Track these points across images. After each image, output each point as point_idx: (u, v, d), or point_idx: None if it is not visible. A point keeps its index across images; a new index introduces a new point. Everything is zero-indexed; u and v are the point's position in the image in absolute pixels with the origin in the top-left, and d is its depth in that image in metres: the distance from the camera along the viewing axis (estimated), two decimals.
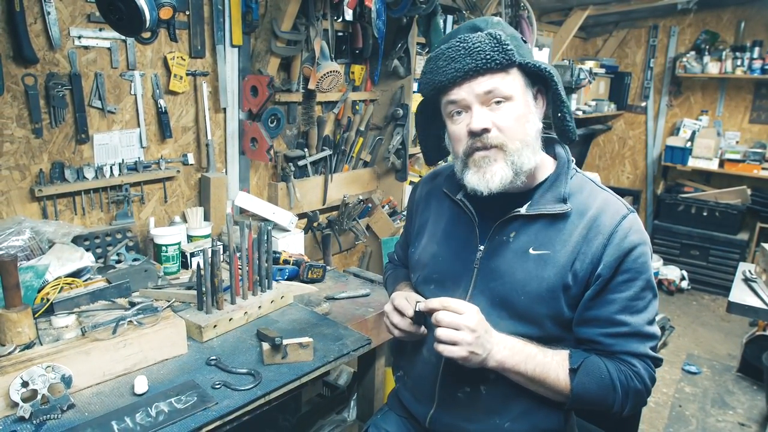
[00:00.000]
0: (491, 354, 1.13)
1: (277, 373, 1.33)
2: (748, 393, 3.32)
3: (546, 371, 1.16)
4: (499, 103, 1.13)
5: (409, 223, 1.51)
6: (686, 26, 4.87)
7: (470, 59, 1.09)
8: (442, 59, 1.13)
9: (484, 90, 1.11)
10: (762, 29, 4.53)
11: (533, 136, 1.17)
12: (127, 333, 1.29)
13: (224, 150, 2.37)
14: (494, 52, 1.09)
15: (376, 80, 2.74)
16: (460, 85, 1.13)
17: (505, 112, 1.13)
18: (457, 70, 1.11)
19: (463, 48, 1.10)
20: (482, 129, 1.12)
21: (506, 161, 1.14)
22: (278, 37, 2.24)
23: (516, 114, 1.13)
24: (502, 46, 1.09)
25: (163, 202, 2.20)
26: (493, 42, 1.09)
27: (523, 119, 1.14)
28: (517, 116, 1.13)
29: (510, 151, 1.13)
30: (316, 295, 1.98)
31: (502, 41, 1.09)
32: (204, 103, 2.23)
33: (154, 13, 1.32)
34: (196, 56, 2.18)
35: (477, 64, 1.09)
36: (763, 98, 4.64)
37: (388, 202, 3.17)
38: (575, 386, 1.15)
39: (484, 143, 1.14)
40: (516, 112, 1.13)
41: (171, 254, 1.99)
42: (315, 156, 2.70)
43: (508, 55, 1.09)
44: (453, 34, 1.16)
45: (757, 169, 4.46)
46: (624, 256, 1.15)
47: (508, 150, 1.13)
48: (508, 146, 1.13)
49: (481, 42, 1.09)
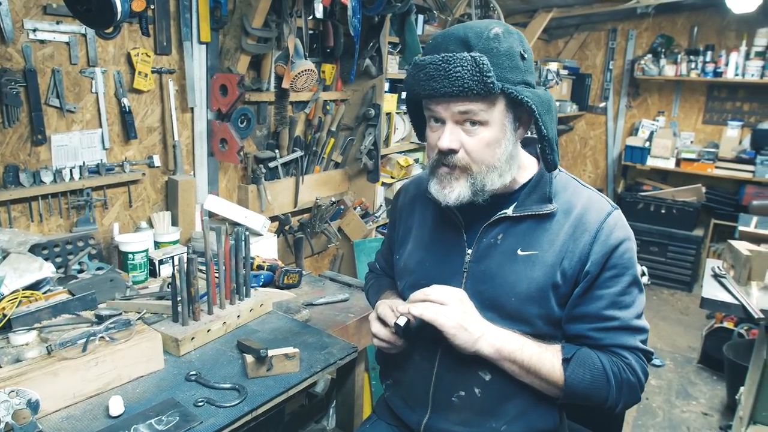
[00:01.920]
0: (485, 337, 1.13)
1: (262, 387, 1.26)
2: (709, 383, 3.44)
3: (541, 360, 1.14)
4: (474, 124, 1.10)
5: (393, 230, 1.47)
6: (643, 30, 5.02)
7: (448, 83, 1.05)
8: (422, 72, 1.08)
9: (459, 111, 1.09)
10: (713, 34, 4.72)
11: (503, 159, 1.15)
12: (98, 350, 1.20)
13: (192, 151, 2.27)
14: (473, 82, 1.04)
15: (351, 79, 2.69)
16: (437, 102, 1.11)
17: (477, 136, 1.11)
18: (434, 89, 1.07)
19: (444, 69, 1.05)
20: (449, 149, 1.12)
21: (467, 181, 1.15)
22: (249, 34, 2.16)
23: (488, 140, 1.11)
24: (483, 77, 1.03)
25: (128, 207, 2.08)
26: (474, 70, 1.03)
27: (495, 144, 1.12)
28: (489, 142, 1.12)
29: (474, 173, 1.14)
30: (294, 301, 1.91)
31: (484, 71, 1.03)
32: (170, 102, 2.12)
33: (126, 5, 1.22)
34: (162, 53, 2.07)
35: (453, 90, 1.05)
36: (715, 100, 4.83)
37: (360, 204, 3.12)
38: (569, 376, 1.13)
39: (449, 162, 1.14)
40: (488, 138, 1.11)
41: (138, 262, 1.88)
42: (286, 157, 2.63)
43: (487, 86, 1.04)
44: (440, 44, 1.10)
45: (710, 167, 4.63)
46: (611, 252, 1.15)
47: (472, 172, 1.14)
48: (472, 169, 1.13)
49: (462, 68, 1.03)
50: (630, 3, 3.96)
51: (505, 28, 1.10)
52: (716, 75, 4.53)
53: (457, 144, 1.11)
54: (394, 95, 3.15)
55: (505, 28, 1.10)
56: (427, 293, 1.15)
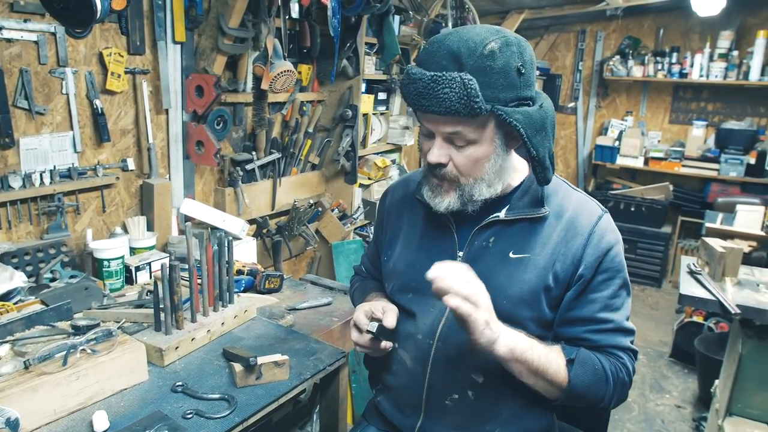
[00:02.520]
0: (501, 338, 1.08)
1: (252, 396, 1.23)
2: (680, 377, 3.53)
3: (549, 360, 1.13)
4: (461, 143, 1.11)
5: (380, 231, 1.46)
6: (611, 32, 5.13)
7: (435, 103, 1.04)
8: (413, 86, 1.07)
9: (447, 131, 1.10)
10: (678, 36, 4.85)
11: (492, 172, 1.15)
12: (79, 363, 1.15)
13: (167, 154, 2.21)
14: (460, 105, 1.02)
15: (332, 80, 2.66)
16: (427, 118, 1.11)
17: (465, 153, 1.12)
18: (424, 107, 1.07)
19: (432, 89, 1.03)
20: (438, 164, 1.13)
21: (456, 193, 1.17)
22: (226, 33, 2.11)
23: (477, 156, 1.12)
24: (471, 101, 1.01)
25: (101, 212, 2.01)
26: (462, 93, 1.01)
27: (484, 160, 1.13)
28: (477, 158, 1.12)
29: (462, 185, 1.15)
30: (276, 306, 1.88)
31: (471, 96, 1.01)
32: (145, 104, 2.06)
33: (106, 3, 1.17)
34: (135, 53, 2.01)
35: (441, 111, 1.05)
36: (681, 100, 4.97)
37: (337, 206, 3.09)
38: (572, 377, 1.13)
39: (437, 174, 1.15)
40: (477, 155, 1.12)
41: (114, 269, 1.81)
42: (264, 159, 2.58)
43: (474, 111, 1.03)
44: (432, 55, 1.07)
45: (677, 166, 4.76)
46: (603, 256, 1.17)
47: (461, 184, 1.15)
48: (460, 181, 1.15)
49: (450, 89, 1.02)
50: (600, 5, 4.04)
51: (503, 41, 1.05)
52: (682, 76, 4.67)
53: (445, 158, 1.12)
54: (371, 96, 3.14)
55: (503, 42, 1.05)
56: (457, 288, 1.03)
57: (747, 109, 4.67)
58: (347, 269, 3.10)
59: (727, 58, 4.44)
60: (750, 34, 4.45)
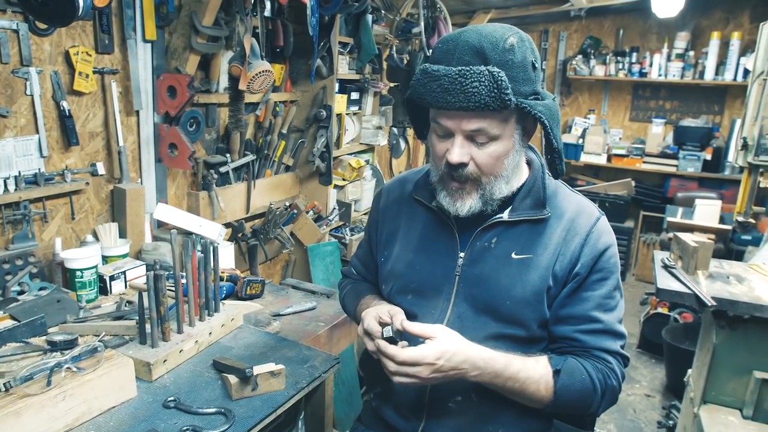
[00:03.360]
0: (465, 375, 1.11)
1: (249, 408, 1.19)
2: (648, 366, 3.65)
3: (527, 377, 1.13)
4: (483, 140, 1.09)
5: (374, 232, 1.43)
6: (573, 32, 5.25)
7: (464, 98, 1.03)
8: (436, 83, 1.05)
9: (471, 128, 1.08)
10: (637, 37, 5.01)
11: (510, 168, 1.16)
12: (64, 382, 1.08)
13: (138, 157, 2.12)
14: (490, 98, 1.02)
15: (312, 80, 2.61)
16: (448, 116, 1.09)
17: (488, 150, 1.11)
18: (449, 103, 1.04)
19: (460, 84, 1.02)
20: (459, 164, 1.11)
21: (478, 193, 1.15)
22: (199, 32, 2.04)
23: (498, 153, 1.11)
24: (501, 93, 1.02)
25: (70, 220, 1.91)
26: (492, 86, 1.01)
27: (504, 156, 1.13)
28: (499, 155, 1.12)
29: (483, 185, 1.14)
30: (261, 313, 1.83)
31: (502, 88, 1.01)
32: (114, 105, 1.96)
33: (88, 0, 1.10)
34: (104, 51, 1.92)
35: (469, 105, 1.03)
36: (640, 99, 5.13)
37: (312, 207, 3.04)
38: (558, 388, 1.14)
39: (459, 175, 1.13)
40: (499, 152, 1.11)
41: (87, 279, 1.73)
42: (238, 161, 2.51)
43: (504, 103, 1.03)
44: (451, 51, 1.06)
45: (639, 162, 4.92)
46: (599, 256, 1.18)
47: (482, 184, 1.14)
48: (482, 181, 1.14)
49: (480, 83, 1.01)
50: (564, 6, 4.12)
51: (518, 36, 1.07)
52: (641, 75, 4.82)
53: (467, 158, 1.10)
54: (344, 96, 3.10)
55: (519, 37, 1.07)
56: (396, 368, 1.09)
57: (702, 107, 4.87)
58: (323, 272, 3.06)
59: (684, 58, 4.61)
60: (704, 35, 4.64)
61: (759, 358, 1.91)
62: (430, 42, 3.22)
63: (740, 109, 4.64)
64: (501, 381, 1.12)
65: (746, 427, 1.89)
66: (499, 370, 1.12)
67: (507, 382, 1.13)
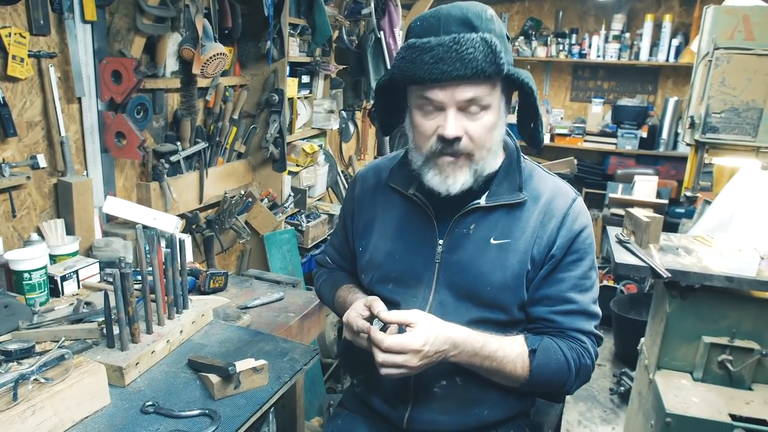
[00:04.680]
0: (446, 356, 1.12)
1: (233, 407, 1.14)
2: None
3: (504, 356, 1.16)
4: (476, 111, 1.09)
5: (350, 221, 1.41)
6: (515, 13, 5.34)
7: (461, 65, 1.02)
8: (428, 54, 1.03)
9: (465, 98, 1.07)
10: (576, 18, 5.15)
11: (498, 141, 1.17)
12: (32, 395, 0.99)
13: (83, 148, 1.97)
14: (486, 64, 1.02)
15: (269, 62, 2.51)
16: (442, 87, 1.06)
17: (480, 121, 1.10)
18: (444, 73, 1.03)
19: (456, 51, 1.01)
20: (455, 137, 1.09)
21: (470, 168, 1.14)
22: (145, 12, 1.91)
23: (490, 124, 1.11)
24: (496, 58, 1.02)
25: (11, 218, 1.76)
26: (487, 51, 1.01)
27: (493, 128, 1.13)
28: (490, 126, 1.12)
29: (476, 159, 1.13)
30: (228, 306, 1.76)
31: (496, 52, 1.02)
32: (54, 92, 1.81)
33: None
34: (39, 33, 1.76)
35: (466, 72, 1.02)
36: (580, 79, 5.31)
37: (267, 195, 2.96)
38: (534, 367, 1.17)
39: (453, 150, 1.11)
40: (490, 122, 1.11)
41: (36, 281, 1.60)
42: (190, 150, 2.39)
43: (499, 68, 1.03)
44: (436, 24, 1.05)
45: (580, 141, 5.10)
46: (575, 237, 1.20)
47: (475, 158, 1.13)
48: (475, 155, 1.13)
49: (476, 49, 1.01)
50: None
51: (491, 10, 1.09)
52: (581, 56, 4.97)
53: (461, 131, 1.09)
54: (295, 79, 3.01)
55: (491, 11, 1.09)
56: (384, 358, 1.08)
57: (638, 87, 5.09)
58: (281, 260, 2.99)
59: (620, 39, 4.79)
60: (638, 17, 4.83)
61: (707, 325, 2.04)
62: (381, 23, 3.18)
63: (672, 88, 4.90)
64: (479, 360, 1.14)
65: (697, 389, 2.02)
66: (477, 349, 1.13)
67: (485, 361, 1.14)
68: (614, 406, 3.18)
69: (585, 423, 3.04)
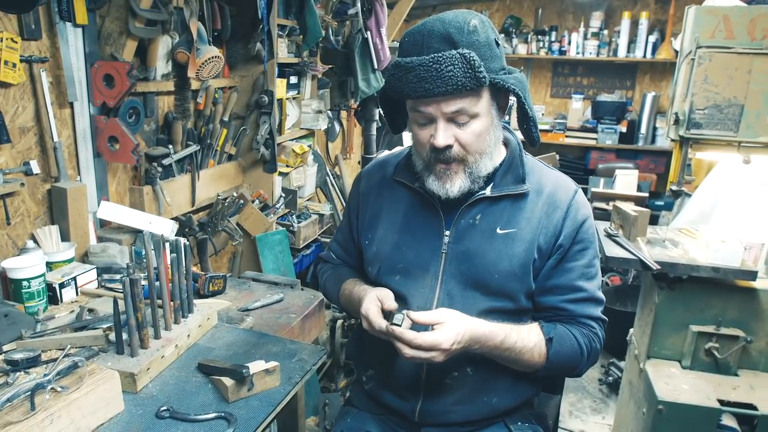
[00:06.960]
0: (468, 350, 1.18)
1: (248, 409, 1.15)
2: None
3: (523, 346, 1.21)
4: (464, 120, 1.14)
5: (355, 217, 1.44)
6: (495, 11, 5.39)
7: (441, 83, 1.07)
8: (411, 74, 1.08)
9: (451, 111, 1.12)
10: (555, 16, 5.23)
11: (493, 144, 1.21)
12: (49, 404, 1.00)
13: (75, 153, 1.95)
14: (466, 79, 1.06)
15: (264, 62, 2.51)
16: (427, 103, 1.12)
17: (470, 129, 1.15)
18: (427, 90, 1.08)
19: (435, 70, 1.06)
20: (445, 146, 1.15)
21: (465, 173, 1.20)
22: (137, 15, 1.90)
23: (479, 130, 1.16)
24: (475, 72, 1.06)
25: (5, 225, 1.74)
26: (465, 66, 1.06)
27: (485, 133, 1.17)
28: (480, 132, 1.16)
29: (470, 163, 1.19)
30: (230, 309, 1.77)
31: (475, 67, 1.06)
32: (46, 97, 1.79)
33: None
34: (30, 38, 1.74)
35: (447, 89, 1.07)
36: (560, 75, 5.39)
37: (258, 196, 2.96)
38: (552, 354, 1.22)
39: (446, 158, 1.17)
40: (480, 129, 1.16)
41: (35, 289, 1.58)
42: (182, 153, 2.38)
43: (479, 81, 1.08)
44: (420, 42, 1.10)
45: (561, 137, 5.18)
46: (579, 227, 1.26)
47: (468, 162, 1.19)
48: (468, 160, 1.19)
49: (454, 66, 1.05)
50: None
51: (479, 18, 1.12)
52: (561, 53, 5.05)
53: (451, 139, 1.15)
54: (283, 80, 3.02)
55: (479, 19, 1.12)
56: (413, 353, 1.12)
57: (616, 82, 5.19)
58: (273, 261, 3.00)
59: (599, 36, 4.88)
60: (616, 14, 4.93)
61: (694, 314, 2.10)
62: (368, 23, 3.19)
63: (649, 83, 5.01)
64: (499, 351, 1.19)
65: (686, 376, 2.08)
66: (497, 342, 1.18)
67: (504, 352, 1.19)
68: (603, 396, 3.25)
69: (576, 413, 3.11)
